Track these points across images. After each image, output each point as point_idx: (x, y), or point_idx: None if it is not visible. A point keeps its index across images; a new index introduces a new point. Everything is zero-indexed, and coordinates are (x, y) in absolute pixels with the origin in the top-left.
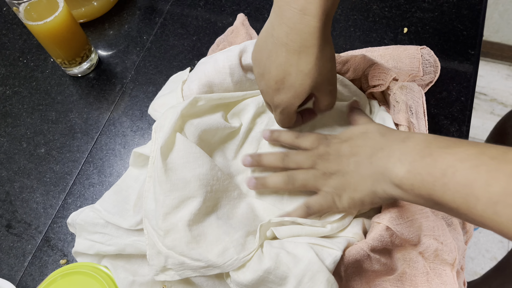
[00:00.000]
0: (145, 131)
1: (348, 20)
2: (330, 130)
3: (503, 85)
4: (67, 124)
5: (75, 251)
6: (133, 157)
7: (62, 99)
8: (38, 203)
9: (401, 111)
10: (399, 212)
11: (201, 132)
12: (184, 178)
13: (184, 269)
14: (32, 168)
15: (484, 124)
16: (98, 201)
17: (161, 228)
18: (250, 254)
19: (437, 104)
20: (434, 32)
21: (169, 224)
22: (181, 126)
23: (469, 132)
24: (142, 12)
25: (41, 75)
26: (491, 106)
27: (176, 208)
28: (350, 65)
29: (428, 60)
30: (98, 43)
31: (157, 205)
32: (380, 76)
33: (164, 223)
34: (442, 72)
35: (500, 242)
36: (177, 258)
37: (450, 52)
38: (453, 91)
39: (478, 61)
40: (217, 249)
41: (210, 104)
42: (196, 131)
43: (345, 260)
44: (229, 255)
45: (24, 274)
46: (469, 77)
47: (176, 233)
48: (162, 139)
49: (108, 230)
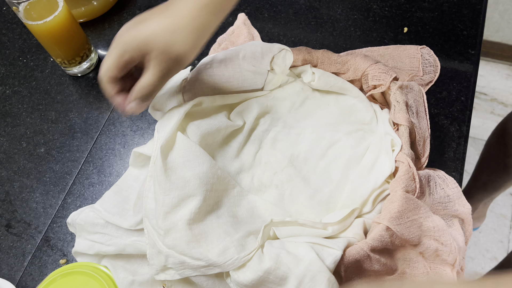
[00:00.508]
0: (145, 131)
1: (348, 20)
2: (333, 130)
3: (503, 85)
4: (67, 123)
5: (75, 251)
6: (133, 157)
7: (62, 98)
8: (38, 203)
9: (401, 111)
10: (399, 212)
11: (203, 133)
12: (184, 177)
13: (184, 268)
14: (32, 167)
15: (484, 124)
16: (98, 201)
17: (161, 227)
18: (251, 253)
19: (437, 104)
20: (434, 32)
21: (169, 223)
22: (183, 127)
23: (469, 132)
24: (142, 12)
25: (41, 75)
26: (491, 106)
27: (176, 207)
28: (350, 65)
29: (428, 59)
30: (98, 43)
31: (157, 205)
32: (380, 76)
33: (164, 222)
34: (442, 72)
35: (500, 242)
36: (178, 257)
37: (450, 52)
38: (453, 91)
39: (478, 61)
40: (218, 248)
41: (214, 105)
42: (199, 131)
43: (345, 260)
44: (229, 254)
45: (24, 274)
46: (469, 77)
47: (177, 232)
48: (163, 138)
49: (108, 230)
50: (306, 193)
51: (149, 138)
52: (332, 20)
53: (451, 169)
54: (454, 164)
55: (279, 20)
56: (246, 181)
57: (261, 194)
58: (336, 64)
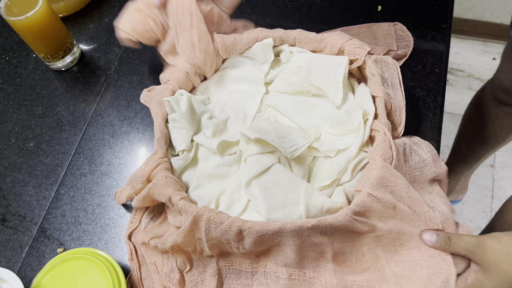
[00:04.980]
0: (132, 120)
1: (324, 1)
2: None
3: (479, 61)
4: (54, 117)
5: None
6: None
7: (48, 93)
8: (31, 196)
9: (377, 83)
10: (378, 179)
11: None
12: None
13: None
14: (23, 162)
15: (462, 100)
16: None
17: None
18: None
19: (413, 77)
20: (407, 9)
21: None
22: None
23: (444, 101)
24: (121, 4)
25: (25, 71)
26: (468, 82)
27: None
28: (326, 43)
29: (402, 35)
30: (79, 37)
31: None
32: (356, 51)
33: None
34: (416, 46)
35: (483, 212)
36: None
37: (423, 27)
38: (428, 64)
39: (450, 34)
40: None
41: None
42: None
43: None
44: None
45: (23, 264)
46: (442, 50)
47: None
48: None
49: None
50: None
51: (136, 127)
52: (308, 3)
53: (428, 138)
54: (431, 133)
55: (257, 5)
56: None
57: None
58: (313, 42)
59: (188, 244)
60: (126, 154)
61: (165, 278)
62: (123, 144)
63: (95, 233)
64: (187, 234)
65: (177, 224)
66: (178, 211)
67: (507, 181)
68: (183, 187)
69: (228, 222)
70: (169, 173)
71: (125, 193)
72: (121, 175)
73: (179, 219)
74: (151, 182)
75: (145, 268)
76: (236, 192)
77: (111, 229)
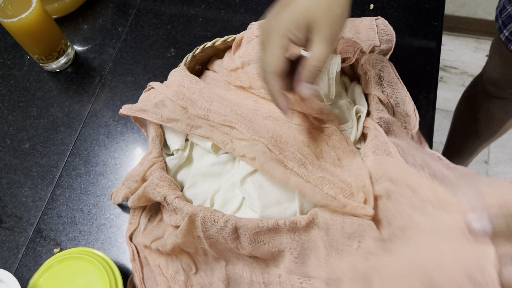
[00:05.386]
0: (127, 120)
1: None
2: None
3: (472, 58)
4: (49, 118)
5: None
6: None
7: (42, 94)
8: (27, 197)
9: (369, 81)
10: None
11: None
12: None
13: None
14: (18, 163)
15: (456, 97)
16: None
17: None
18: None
19: (405, 75)
20: (399, 7)
21: None
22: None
23: (436, 98)
24: (115, 5)
25: (19, 73)
26: (461, 79)
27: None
28: None
29: (383, 29)
30: (73, 38)
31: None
32: (348, 49)
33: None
34: (408, 44)
35: None
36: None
37: (415, 25)
38: (419, 61)
39: (442, 32)
40: None
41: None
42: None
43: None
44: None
45: (19, 265)
46: (434, 48)
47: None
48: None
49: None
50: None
51: (131, 127)
52: None
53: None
54: (424, 129)
55: (250, 5)
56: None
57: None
58: None
59: (188, 244)
60: (121, 154)
61: (171, 280)
62: (118, 144)
63: (91, 233)
64: (186, 234)
65: (173, 223)
66: (173, 210)
67: (501, 176)
68: (178, 186)
69: (223, 220)
70: (164, 172)
71: (121, 193)
72: (117, 175)
73: (175, 218)
74: (146, 181)
75: (147, 269)
76: (230, 190)
77: (107, 229)
